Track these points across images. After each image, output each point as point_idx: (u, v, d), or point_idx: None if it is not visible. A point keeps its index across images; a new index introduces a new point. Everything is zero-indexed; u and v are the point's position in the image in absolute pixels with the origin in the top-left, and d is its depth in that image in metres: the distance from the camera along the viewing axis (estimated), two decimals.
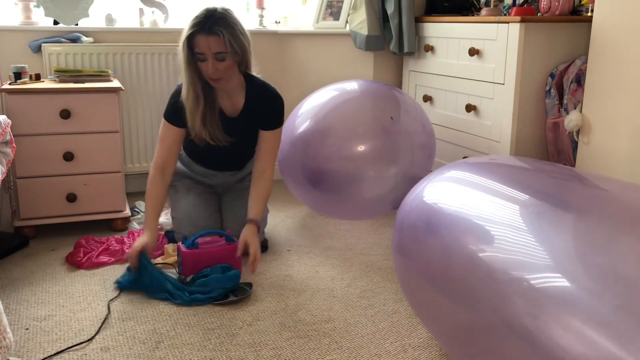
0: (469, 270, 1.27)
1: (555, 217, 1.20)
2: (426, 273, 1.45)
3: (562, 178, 1.42)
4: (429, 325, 1.53)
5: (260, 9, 3.27)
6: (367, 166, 2.40)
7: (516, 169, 1.56)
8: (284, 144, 2.59)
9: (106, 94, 2.43)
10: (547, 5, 2.48)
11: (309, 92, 3.16)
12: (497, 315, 1.16)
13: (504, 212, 1.30)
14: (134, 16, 3.12)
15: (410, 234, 1.57)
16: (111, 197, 2.52)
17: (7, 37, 2.79)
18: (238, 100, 2.21)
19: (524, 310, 1.09)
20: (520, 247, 1.18)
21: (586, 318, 0.97)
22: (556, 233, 1.16)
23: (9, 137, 2.00)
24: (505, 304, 1.14)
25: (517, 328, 1.10)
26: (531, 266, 1.12)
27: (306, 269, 2.22)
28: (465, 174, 1.57)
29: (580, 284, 1.02)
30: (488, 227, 1.30)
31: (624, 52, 2.04)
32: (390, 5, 3.01)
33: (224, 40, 1.99)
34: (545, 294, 1.06)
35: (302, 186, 2.54)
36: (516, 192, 1.36)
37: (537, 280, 1.09)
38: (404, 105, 2.53)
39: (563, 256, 1.10)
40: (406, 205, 1.66)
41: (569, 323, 0.99)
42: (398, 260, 1.64)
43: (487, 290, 1.20)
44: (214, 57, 2.01)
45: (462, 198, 1.46)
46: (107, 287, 2.04)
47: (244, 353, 1.66)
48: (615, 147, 2.10)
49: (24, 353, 1.64)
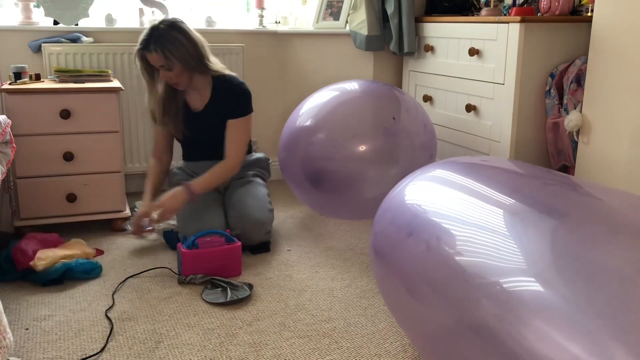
0: (444, 274, 1.24)
1: (539, 223, 1.17)
2: (400, 275, 1.42)
3: (554, 185, 1.38)
4: (404, 328, 1.49)
5: (260, 9, 3.27)
6: (368, 166, 2.39)
7: (507, 172, 1.52)
8: (284, 143, 2.59)
9: (106, 94, 2.43)
10: (547, 5, 2.48)
11: (309, 92, 3.17)
12: (465, 318, 1.14)
13: (485, 215, 1.27)
14: (134, 16, 3.12)
15: (386, 234, 1.54)
16: (111, 197, 2.52)
17: (7, 37, 2.79)
18: (205, 95, 2.44)
19: (491, 312, 1.06)
20: (497, 251, 1.15)
21: (559, 324, 0.94)
22: (537, 238, 1.13)
23: (9, 137, 2.00)
24: (474, 306, 1.11)
25: (483, 331, 1.07)
26: (506, 270, 1.09)
27: (306, 269, 2.22)
28: (451, 174, 1.53)
29: (554, 289, 1.00)
30: (466, 230, 1.27)
31: (624, 52, 2.04)
32: (390, 5, 3.01)
33: (161, 56, 2.25)
34: (516, 297, 1.03)
35: (303, 186, 2.54)
36: (502, 196, 1.32)
37: (510, 284, 1.07)
38: (404, 105, 2.53)
39: (540, 261, 1.07)
40: (385, 204, 1.62)
41: (539, 327, 0.97)
42: (374, 261, 1.61)
43: (458, 294, 1.17)
44: (162, 69, 2.30)
45: (443, 199, 1.42)
46: (107, 287, 2.04)
47: (244, 353, 1.66)
48: (615, 147, 2.10)
49: (24, 353, 1.64)
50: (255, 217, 2.32)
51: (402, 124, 2.46)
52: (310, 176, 2.47)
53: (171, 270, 2.17)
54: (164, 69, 2.29)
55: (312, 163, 2.45)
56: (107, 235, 2.49)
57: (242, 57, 3.11)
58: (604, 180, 2.15)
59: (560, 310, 0.96)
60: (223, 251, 2.11)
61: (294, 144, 2.52)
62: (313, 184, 2.48)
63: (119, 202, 2.54)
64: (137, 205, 2.79)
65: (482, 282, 1.12)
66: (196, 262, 2.08)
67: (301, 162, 2.49)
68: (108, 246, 2.38)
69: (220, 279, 2.05)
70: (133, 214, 2.70)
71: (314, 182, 2.48)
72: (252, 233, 2.31)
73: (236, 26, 3.34)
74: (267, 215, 2.37)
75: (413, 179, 1.62)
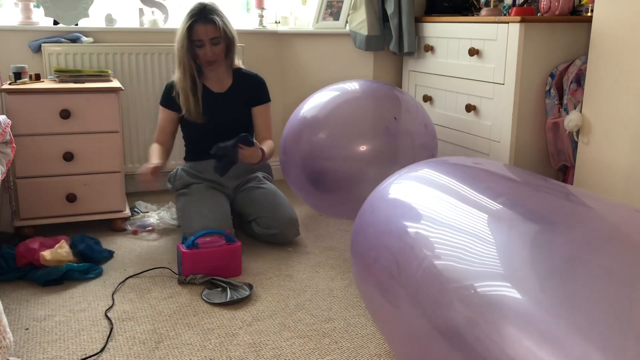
0: (419, 277, 1.21)
1: (523, 228, 1.13)
2: (377, 277, 1.39)
3: (546, 192, 1.33)
4: (381, 329, 1.47)
5: (260, 9, 3.27)
6: (369, 166, 2.39)
7: (496, 175, 1.46)
8: (285, 143, 2.59)
9: (106, 94, 2.43)
10: (547, 5, 2.48)
11: (309, 92, 3.17)
12: (435, 321, 1.11)
13: (466, 218, 1.24)
14: (134, 16, 3.12)
15: (364, 234, 1.51)
16: (111, 197, 2.52)
17: (7, 37, 2.79)
18: (226, 81, 2.54)
19: (463, 316, 1.04)
20: (475, 255, 1.11)
21: (531, 330, 0.91)
22: (519, 244, 1.09)
23: (9, 137, 2.00)
24: (446, 310, 1.09)
25: (453, 335, 1.05)
26: (482, 274, 1.06)
27: (306, 269, 2.22)
28: (437, 174, 1.48)
29: (530, 295, 0.96)
30: (444, 233, 1.23)
31: (624, 52, 2.04)
32: (390, 5, 3.01)
33: (218, 26, 2.36)
34: (489, 301, 1.00)
35: (303, 186, 2.54)
36: (487, 200, 1.28)
37: (484, 288, 1.03)
38: (405, 105, 2.52)
39: (519, 267, 1.03)
40: (366, 203, 1.59)
41: (510, 333, 0.94)
42: (353, 262, 1.59)
43: (431, 297, 1.14)
44: (210, 42, 2.37)
45: (425, 200, 1.38)
46: (107, 287, 2.04)
47: (244, 353, 1.66)
48: (615, 147, 2.10)
49: (24, 353, 1.64)
50: (289, 215, 2.41)
51: (403, 124, 2.46)
52: (311, 176, 2.47)
53: (171, 270, 2.17)
54: (213, 41, 2.36)
55: (313, 163, 2.45)
56: (107, 235, 2.49)
57: (242, 57, 3.11)
58: (604, 180, 2.15)
59: (533, 316, 0.93)
60: (223, 251, 2.11)
61: (296, 144, 2.52)
62: (314, 184, 2.48)
63: (119, 202, 2.54)
64: (137, 205, 2.80)
65: (457, 285, 1.09)
66: (196, 262, 2.08)
67: (302, 162, 2.49)
68: (108, 246, 2.37)
69: (220, 279, 2.05)
70: (133, 214, 2.71)
71: (314, 182, 2.48)
72: (289, 231, 2.40)
73: (236, 26, 3.31)
74: (295, 213, 2.46)
75: (398, 177, 1.58)
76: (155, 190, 3.03)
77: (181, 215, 2.40)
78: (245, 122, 2.59)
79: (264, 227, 2.38)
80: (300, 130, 2.52)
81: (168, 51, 2.97)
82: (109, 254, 2.28)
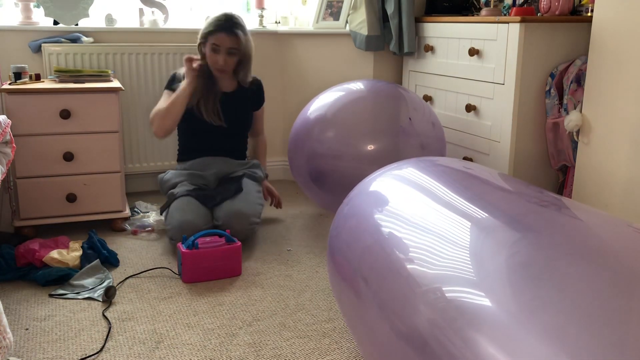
0: (387, 278, 1.18)
1: (501, 235, 1.09)
2: (348, 278, 1.37)
3: (535, 202, 1.27)
4: (352, 332, 1.44)
5: (260, 9, 3.27)
6: (376, 166, 2.39)
7: (482, 181, 1.41)
8: (292, 142, 2.62)
9: (106, 94, 2.43)
10: (547, 5, 2.48)
11: (309, 92, 3.17)
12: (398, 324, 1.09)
13: (443, 222, 1.20)
14: (134, 16, 3.12)
15: (339, 233, 1.49)
16: (111, 197, 2.52)
17: (7, 37, 2.79)
18: (232, 83, 2.62)
19: (426, 318, 1.01)
20: (448, 260, 1.08)
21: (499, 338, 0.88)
22: (496, 251, 1.05)
23: (9, 137, 1.99)
24: (410, 313, 1.06)
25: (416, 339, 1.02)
26: (453, 279, 1.03)
27: (306, 269, 2.22)
28: (421, 175, 1.44)
29: (501, 303, 0.93)
30: (417, 236, 1.20)
31: (624, 52, 2.03)
32: (390, 5, 3.01)
33: (239, 40, 2.45)
34: (457, 307, 0.97)
35: (310, 184, 2.56)
36: (469, 205, 1.24)
37: (453, 294, 1.00)
38: (412, 104, 2.53)
39: (493, 274, 0.99)
40: (347, 198, 1.57)
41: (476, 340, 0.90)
42: (328, 261, 1.57)
43: (397, 299, 1.12)
44: (226, 51, 2.44)
45: (404, 200, 1.34)
46: None
47: (244, 353, 1.66)
48: (615, 147, 2.10)
49: (24, 353, 1.64)
50: (237, 209, 2.31)
51: (412, 123, 2.47)
52: (317, 175, 2.49)
53: (171, 271, 2.17)
54: (230, 51, 2.45)
55: (319, 163, 2.46)
56: (107, 235, 2.49)
57: None
58: (604, 180, 2.15)
59: (500, 322, 0.89)
60: (223, 251, 2.11)
61: (303, 143, 2.55)
62: (317, 183, 2.50)
63: (119, 202, 2.54)
64: (137, 206, 2.80)
65: (425, 289, 1.06)
66: (196, 262, 2.08)
67: (306, 162, 2.50)
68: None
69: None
70: (133, 214, 2.71)
71: (318, 181, 2.49)
72: (233, 223, 2.29)
73: None
74: (253, 210, 2.37)
75: (380, 174, 1.54)
76: (155, 191, 3.03)
77: (165, 214, 2.40)
78: (246, 123, 2.65)
79: (214, 218, 2.33)
80: (308, 130, 2.54)
81: (168, 51, 2.97)
82: (115, 262, 2.23)
